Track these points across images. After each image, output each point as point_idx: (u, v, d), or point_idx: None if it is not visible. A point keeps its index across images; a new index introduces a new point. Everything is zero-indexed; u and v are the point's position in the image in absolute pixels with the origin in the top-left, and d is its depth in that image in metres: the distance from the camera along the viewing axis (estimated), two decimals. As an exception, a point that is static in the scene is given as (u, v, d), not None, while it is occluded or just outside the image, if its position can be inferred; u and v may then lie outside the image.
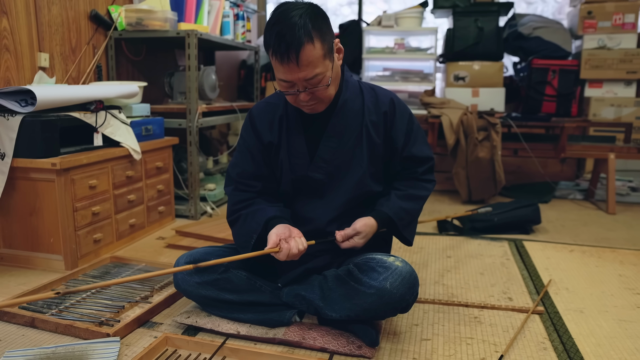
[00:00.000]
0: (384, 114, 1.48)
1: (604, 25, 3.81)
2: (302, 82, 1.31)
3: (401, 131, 1.49)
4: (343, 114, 1.46)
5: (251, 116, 1.54)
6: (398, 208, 1.48)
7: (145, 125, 2.53)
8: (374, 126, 1.48)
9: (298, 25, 1.25)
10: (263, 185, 1.53)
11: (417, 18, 4.13)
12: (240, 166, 1.54)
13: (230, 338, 1.46)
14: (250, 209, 1.48)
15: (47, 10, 2.35)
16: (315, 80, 1.31)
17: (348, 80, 1.49)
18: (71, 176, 1.99)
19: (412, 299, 1.37)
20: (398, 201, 1.49)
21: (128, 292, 1.76)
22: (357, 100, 1.48)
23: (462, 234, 2.58)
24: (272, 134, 1.49)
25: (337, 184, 1.48)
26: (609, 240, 2.50)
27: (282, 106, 1.51)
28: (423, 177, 1.54)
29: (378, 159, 1.50)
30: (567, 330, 1.54)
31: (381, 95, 1.50)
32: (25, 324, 1.56)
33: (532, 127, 3.43)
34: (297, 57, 1.26)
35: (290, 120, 1.49)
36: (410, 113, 1.53)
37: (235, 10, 3.30)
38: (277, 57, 1.28)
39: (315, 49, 1.28)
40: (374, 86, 1.54)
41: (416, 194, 1.52)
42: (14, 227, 2.05)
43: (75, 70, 2.57)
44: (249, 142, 1.53)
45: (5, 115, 1.93)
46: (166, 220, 2.70)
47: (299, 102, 1.39)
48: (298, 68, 1.28)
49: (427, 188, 1.54)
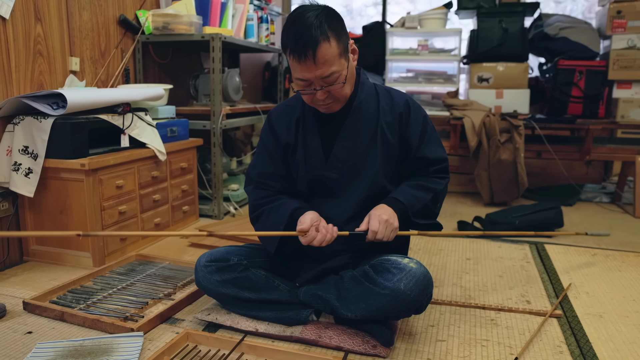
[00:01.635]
0: (399, 115, 1.51)
1: (634, 24, 3.73)
2: (318, 80, 1.35)
3: (415, 132, 1.51)
4: (358, 114, 1.50)
5: (270, 118, 1.59)
6: (409, 195, 1.49)
7: (171, 126, 2.60)
8: (389, 127, 1.50)
9: (314, 25, 1.30)
10: (282, 185, 1.57)
11: (441, 19, 4.12)
12: (260, 167, 1.59)
13: (249, 335, 1.50)
14: (274, 204, 1.52)
15: (78, 16, 2.44)
16: (332, 78, 1.36)
17: (364, 82, 1.52)
18: (99, 176, 2.07)
19: (426, 300, 1.39)
20: (408, 189, 1.50)
21: (152, 289, 1.82)
22: (373, 102, 1.52)
23: (483, 236, 2.58)
24: (290, 135, 1.54)
25: (352, 183, 1.51)
26: (634, 245, 2.46)
27: (300, 108, 1.55)
28: (435, 175, 1.56)
29: (393, 159, 1.52)
30: (584, 335, 1.54)
31: (396, 97, 1.53)
32: (55, 318, 1.63)
33: (556, 129, 3.38)
34: (314, 55, 1.31)
35: (307, 121, 1.54)
36: (425, 115, 1.55)
37: (259, 13, 3.35)
38: (294, 56, 1.33)
39: (332, 48, 1.32)
40: (390, 88, 1.58)
41: (426, 185, 1.52)
42: (46, 224, 2.14)
43: (104, 74, 2.65)
44: (268, 143, 1.58)
45: (38, 117, 2.02)
46: (190, 220, 2.77)
47: (315, 102, 1.43)
48: (315, 66, 1.32)
49: (439, 182, 1.54)
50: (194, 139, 2.76)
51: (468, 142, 3.18)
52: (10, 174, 2.05)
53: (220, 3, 2.95)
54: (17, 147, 2.05)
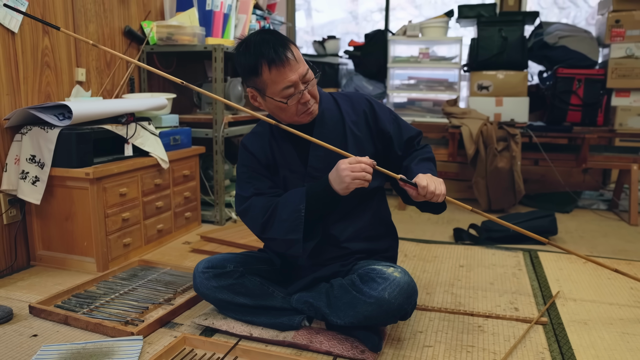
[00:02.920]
0: (363, 113, 1.61)
1: (632, 33, 3.77)
2: (302, 79, 1.45)
3: (388, 121, 1.62)
4: (324, 122, 1.58)
5: (244, 145, 1.64)
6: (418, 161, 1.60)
7: (174, 135, 2.67)
8: (356, 125, 1.60)
9: (275, 35, 1.45)
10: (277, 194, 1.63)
11: (442, 27, 4.17)
12: (253, 184, 1.61)
13: (243, 339, 1.56)
14: (280, 200, 1.54)
15: (84, 28, 2.53)
16: (309, 75, 1.47)
17: (321, 93, 1.61)
18: (103, 184, 2.15)
19: (410, 308, 1.45)
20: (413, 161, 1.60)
21: (153, 294, 1.90)
22: (334, 108, 1.61)
23: (478, 243, 2.63)
24: (267, 157, 1.61)
25: None
26: (627, 253, 2.51)
27: (268, 133, 1.62)
28: (420, 146, 1.68)
29: (368, 154, 1.56)
30: (568, 341, 1.59)
31: (355, 98, 1.65)
32: (60, 321, 1.70)
33: (553, 137, 3.43)
34: (293, 53, 1.43)
35: (279, 141, 1.61)
36: (387, 107, 1.67)
37: (262, 22, 3.43)
38: (277, 63, 1.42)
39: (297, 50, 1.47)
40: (347, 92, 1.68)
41: (427, 156, 1.64)
42: (52, 230, 2.21)
43: (109, 83, 2.74)
44: (250, 165, 1.62)
45: (45, 128, 2.10)
46: (192, 226, 2.84)
47: (301, 110, 1.50)
48: (297, 63, 1.44)
49: (429, 151, 1.67)
50: (196, 147, 2.84)
51: (466, 150, 3.23)
52: (18, 182, 2.14)
53: (223, 14, 3.03)
54: (24, 156, 2.13)
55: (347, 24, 5.46)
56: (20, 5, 2.15)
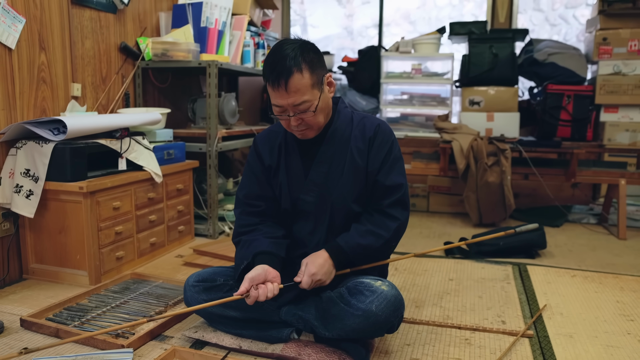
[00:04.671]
0: (369, 140, 1.61)
1: (619, 51, 3.85)
2: (291, 107, 1.47)
3: (378, 157, 1.58)
4: (332, 141, 1.61)
5: (255, 143, 1.71)
6: (355, 244, 1.55)
7: (168, 149, 2.70)
8: (359, 152, 1.60)
9: (290, 56, 1.44)
10: (267, 205, 1.68)
11: (435, 44, 4.25)
12: (247, 188, 1.70)
13: (233, 352, 1.58)
14: (250, 236, 1.62)
15: (80, 44, 2.57)
16: (303, 106, 1.47)
17: (340, 110, 1.64)
18: (97, 198, 2.17)
19: (397, 320, 1.47)
20: (357, 237, 1.56)
21: (144, 307, 1.91)
22: (347, 129, 1.62)
23: (468, 257, 2.66)
24: (272, 158, 1.66)
25: (325, 207, 1.61)
26: (614, 266, 2.54)
27: (282, 133, 1.67)
28: (388, 210, 1.57)
29: (361, 184, 1.60)
30: (553, 354, 1.61)
31: (369, 123, 1.63)
32: (51, 334, 1.72)
33: (543, 152, 3.48)
34: (286, 84, 1.43)
35: (288, 146, 1.65)
36: (393, 141, 1.61)
37: (256, 39, 3.48)
38: (270, 83, 1.46)
39: (304, 79, 1.45)
40: (366, 115, 1.67)
41: (376, 231, 1.56)
42: (45, 244, 2.23)
43: (105, 98, 2.77)
44: (254, 166, 1.70)
45: (39, 142, 2.13)
46: (186, 239, 2.86)
47: (290, 127, 1.55)
48: (287, 94, 1.45)
49: (389, 227, 1.55)
50: (190, 161, 2.87)
51: (457, 164, 3.28)
52: (12, 195, 2.16)
53: (217, 31, 3.08)
54: (19, 170, 2.16)
55: (342, 39, 5.53)
56: (17, 23, 2.19)
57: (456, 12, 5.14)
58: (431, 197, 3.83)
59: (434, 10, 5.33)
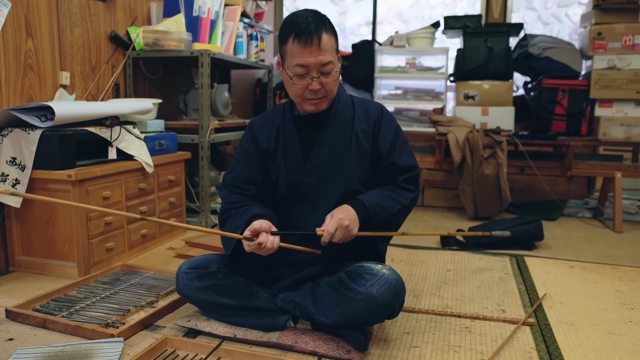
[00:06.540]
0: (373, 122, 1.58)
1: (614, 46, 3.84)
2: (317, 67, 1.44)
3: (387, 138, 1.57)
4: (335, 122, 1.57)
5: (251, 126, 1.67)
6: (375, 202, 1.50)
7: (159, 140, 2.65)
8: (364, 134, 1.57)
9: (319, 17, 1.45)
10: (256, 189, 1.62)
11: (429, 38, 4.22)
12: (237, 171, 1.64)
13: (227, 341, 1.53)
14: (240, 209, 1.56)
15: (69, 32, 2.51)
16: (328, 67, 1.46)
17: (341, 93, 1.61)
18: (86, 187, 2.11)
19: (399, 305, 1.43)
20: (377, 197, 1.52)
21: (135, 297, 1.85)
22: (349, 112, 1.59)
23: (465, 249, 2.62)
24: (270, 142, 1.61)
25: (328, 190, 1.56)
26: (612, 258, 2.51)
27: (280, 116, 1.63)
28: (403, 184, 1.58)
29: (367, 166, 1.57)
30: (555, 342, 1.58)
31: (371, 106, 1.62)
32: (37, 325, 1.65)
33: (538, 145, 3.46)
34: (319, 39, 1.42)
35: (286, 128, 1.61)
36: (397, 125, 1.62)
37: (249, 30, 3.43)
38: (300, 40, 1.42)
39: (331, 40, 1.46)
40: (365, 99, 1.66)
41: (394, 197, 1.54)
42: (32, 235, 2.17)
43: (94, 88, 2.71)
44: (247, 149, 1.64)
45: (26, 129, 2.06)
46: (177, 232, 2.80)
47: (306, 96, 1.49)
48: (319, 50, 1.42)
49: (407, 196, 1.56)
50: (182, 153, 2.81)
51: (452, 157, 3.24)
52: (-2, 185, 2.09)
53: (210, 21, 3.02)
54: (4, 158, 2.09)
55: (334, 37, 5.49)
56: (3, 7, 2.13)
57: (449, 10, 5.12)
58: (426, 191, 3.79)
59: (426, 9, 5.31)
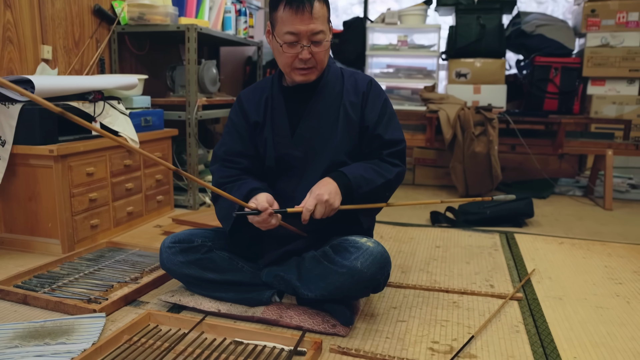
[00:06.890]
0: (362, 94, 1.55)
1: (607, 23, 3.80)
2: (308, 36, 1.41)
3: (374, 111, 1.54)
4: (323, 94, 1.54)
5: (239, 99, 1.63)
6: (358, 174, 1.45)
7: (145, 116, 2.59)
8: (352, 106, 1.54)
9: None
10: (248, 163, 1.59)
11: (421, 15, 4.15)
12: (228, 145, 1.60)
13: (211, 315, 1.51)
14: (235, 183, 1.53)
15: (50, 4, 2.43)
16: (319, 36, 1.42)
17: (330, 65, 1.56)
18: (68, 163, 2.07)
19: (383, 278, 1.41)
20: (360, 169, 1.48)
21: (119, 273, 1.82)
22: (338, 83, 1.56)
23: (455, 226, 2.61)
24: (258, 114, 1.57)
25: (315, 162, 1.53)
26: (601, 234, 2.51)
27: (269, 88, 1.59)
28: (388, 159, 1.53)
29: (354, 137, 1.54)
30: (542, 315, 1.57)
31: (360, 78, 1.58)
32: (18, 301, 1.63)
33: (530, 123, 3.43)
34: (311, 6, 1.39)
35: (275, 100, 1.57)
36: (386, 98, 1.58)
37: (237, 6, 3.36)
38: (291, 6, 1.39)
39: (323, 9, 1.43)
40: (355, 71, 1.62)
41: (379, 170, 1.50)
42: (14, 211, 2.13)
43: (78, 63, 2.65)
44: (237, 122, 1.60)
45: (5, 103, 2.01)
46: (165, 210, 2.77)
47: (295, 65, 1.46)
48: (310, 18, 1.39)
49: (391, 170, 1.51)
50: (168, 129, 2.76)
51: (443, 134, 3.22)
52: (-22, 160, 2.04)
53: (197, -6, 2.95)
54: (-15, 132, 2.04)
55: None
56: (-20, -24, 2.06)
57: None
58: (417, 169, 3.77)
59: (419, -14, 5.22)
